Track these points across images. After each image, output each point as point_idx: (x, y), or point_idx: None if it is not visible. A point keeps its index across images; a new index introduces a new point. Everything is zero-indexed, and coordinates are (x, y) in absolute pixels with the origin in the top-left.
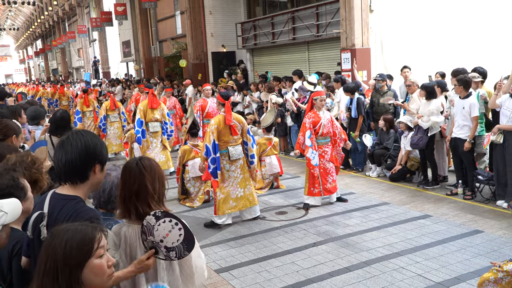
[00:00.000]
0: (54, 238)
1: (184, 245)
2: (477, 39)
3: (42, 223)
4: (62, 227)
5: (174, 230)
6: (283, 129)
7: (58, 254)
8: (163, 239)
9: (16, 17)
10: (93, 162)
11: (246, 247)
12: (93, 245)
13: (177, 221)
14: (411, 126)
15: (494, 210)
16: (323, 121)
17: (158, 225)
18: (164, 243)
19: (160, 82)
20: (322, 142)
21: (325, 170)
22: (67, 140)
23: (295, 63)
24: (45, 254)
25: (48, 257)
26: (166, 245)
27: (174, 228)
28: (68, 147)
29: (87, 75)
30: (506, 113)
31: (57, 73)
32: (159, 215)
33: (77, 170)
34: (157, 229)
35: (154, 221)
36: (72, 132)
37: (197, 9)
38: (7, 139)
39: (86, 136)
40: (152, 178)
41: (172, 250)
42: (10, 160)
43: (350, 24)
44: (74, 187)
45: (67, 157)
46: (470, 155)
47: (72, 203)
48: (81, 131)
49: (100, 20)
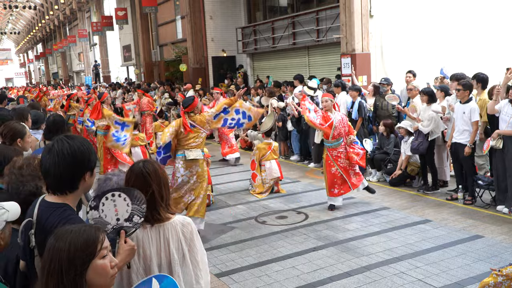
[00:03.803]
0: (58, 240)
1: (135, 202)
2: (476, 44)
3: (31, 231)
4: (66, 229)
5: (117, 201)
6: (284, 134)
7: (62, 255)
8: (118, 217)
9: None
10: (82, 172)
11: (246, 252)
12: (96, 246)
13: (108, 194)
14: (411, 131)
15: (494, 215)
16: (334, 123)
17: (102, 212)
18: (122, 218)
19: (160, 87)
20: (335, 144)
21: (345, 168)
22: (53, 149)
23: (295, 68)
24: (48, 255)
25: (52, 258)
26: (124, 218)
27: (115, 200)
28: (55, 158)
29: (88, 79)
30: (505, 118)
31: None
32: (93, 204)
33: (66, 182)
34: (106, 215)
35: (96, 213)
36: (58, 139)
37: (198, 14)
38: (13, 142)
39: (73, 144)
40: (157, 184)
41: (132, 217)
42: (17, 163)
43: (350, 29)
44: (63, 195)
45: (55, 170)
46: (470, 160)
47: (59, 211)
48: (67, 137)
49: (101, 24)
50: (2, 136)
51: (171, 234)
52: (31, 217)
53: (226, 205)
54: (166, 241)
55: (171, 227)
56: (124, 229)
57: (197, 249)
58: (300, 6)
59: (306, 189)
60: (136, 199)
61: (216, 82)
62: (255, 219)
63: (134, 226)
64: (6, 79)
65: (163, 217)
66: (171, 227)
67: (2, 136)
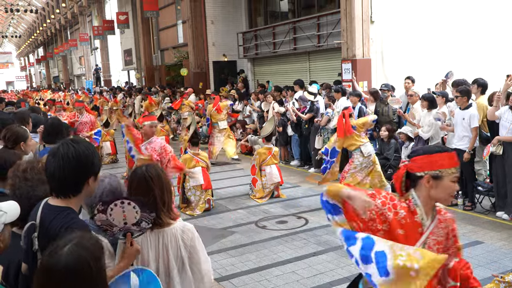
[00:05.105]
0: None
1: (144, 210)
2: (477, 50)
3: (34, 234)
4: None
5: (125, 208)
6: (284, 139)
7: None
8: (126, 221)
9: (19, 24)
10: (86, 176)
11: (246, 256)
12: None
13: (120, 201)
14: (411, 137)
15: (494, 221)
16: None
17: (110, 216)
18: (129, 222)
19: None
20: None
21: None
22: (58, 152)
23: (296, 73)
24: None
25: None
26: (132, 222)
27: (125, 207)
28: (60, 161)
29: (89, 83)
30: (505, 124)
31: (58, 80)
32: (101, 208)
33: (70, 185)
34: (113, 218)
35: (104, 216)
36: (63, 143)
37: (199, 19)
38: (16, 146)
39: (78, 148)
40: (160, 188)
41: (141, 222)
42: (21, 166)
43: (351, 35)
44: (67, 199)
45: (60, 173)
46: (470, 166)
47: (63, 215)
48: (72, 141)
49: (102, 28)
50: (5, 139)
51: (170, 241)
52: (34, 220)
53: (227, 210)
54: (165, 248)
55: (170, 233)
56: (131, 231)
57: (199, 257)
58: (301, 11)
59: (307, 194)
60: (146, 208)
61: (217, 86)
62: (255, 223)
63: (141, 230)
64: (7, 83)
65: (164, 222)
66: (170, 234)
67: (5, 140)
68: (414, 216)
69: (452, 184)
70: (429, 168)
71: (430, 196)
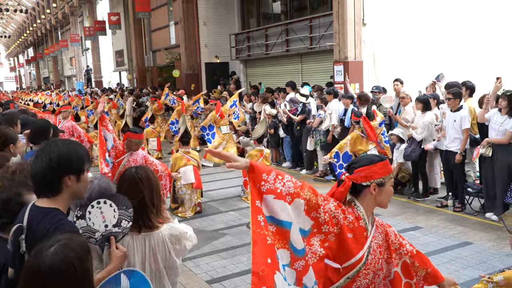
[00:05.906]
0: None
1: (121, 207)
2: (467, 52)
3: (21, 236)
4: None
5: (103, 208)
6: (276, 140)
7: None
8: (106, 223)
9: (8, 24)
10: (62, 175)
11: (238, 258)
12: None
13: (93, 203)
14: (403, 138)
15: (483, 222)
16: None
17: (89, 220)
18: (110, 224)
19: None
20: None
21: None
22: (39, 153)
23: (288, 75)
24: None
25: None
26: (113, 223)
27: (101, 207)
28: (40, 161)
29: (80, 84)
30: (494, 127)
31: (49, 81)
32: (79, 214)
33: (45, 184)
34: (94, 223)
35: (83, 222)
36: (46, 143)
37: (191, 20)
38: (5, 148)
39: (62, 147)
40: (150, 190)
41: (120, 222)
42: (10, 168)
43: (343, 37)
44: (51, 199)
45: (40, 173)
46: (460, 168)
47: (50, 216)
48: (58, 141)
49: (94, 29)
50: None
51: (157, 244)
52: (21, 223)
53: (218, 212)
54: (152, 251)
55: (157, 237)
56: (114, 235)
57: (184, 245)
58: (294, 13)
59: None
60: (122, 204)
61: (209, 88)
62: (247, 225)
63: (123, 231)
64: None
65: (154, 224)
66: (157, 238)
67: None
68: (359, 221)
69: (391, 188)
70: (375, 177)
71: (374, 202)
